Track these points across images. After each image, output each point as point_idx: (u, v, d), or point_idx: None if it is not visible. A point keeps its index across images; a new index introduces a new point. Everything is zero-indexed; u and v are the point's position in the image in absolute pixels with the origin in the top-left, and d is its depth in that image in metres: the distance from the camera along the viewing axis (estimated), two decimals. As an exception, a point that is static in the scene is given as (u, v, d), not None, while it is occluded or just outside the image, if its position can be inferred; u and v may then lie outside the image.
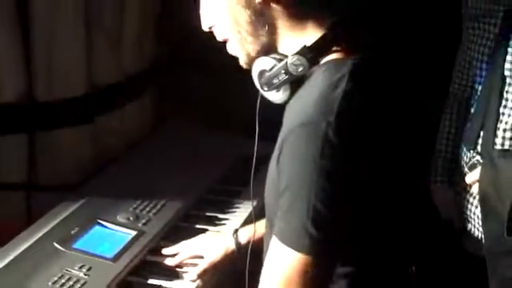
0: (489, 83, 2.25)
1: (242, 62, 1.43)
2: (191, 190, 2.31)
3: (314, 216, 1.23)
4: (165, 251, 1.97)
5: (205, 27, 1.43)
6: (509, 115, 2.19)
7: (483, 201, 2.14)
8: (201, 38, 1.52)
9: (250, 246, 1.67)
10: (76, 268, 1.84)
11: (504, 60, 2.19)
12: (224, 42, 1.43)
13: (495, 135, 2.21)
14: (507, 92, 2.20)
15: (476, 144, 2.27)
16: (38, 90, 2.33)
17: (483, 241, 2.22)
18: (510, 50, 2.18)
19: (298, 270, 1.25)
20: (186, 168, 2.43)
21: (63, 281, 1.79)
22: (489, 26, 2.27)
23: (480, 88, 2.30)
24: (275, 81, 1.37)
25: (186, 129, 2.77)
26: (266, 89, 1.40)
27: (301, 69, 1.34)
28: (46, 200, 2.24)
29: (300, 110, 1.30)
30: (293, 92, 1.38)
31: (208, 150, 2.59)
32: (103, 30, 2.50)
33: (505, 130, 2.20)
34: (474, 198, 2.27)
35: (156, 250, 2.01)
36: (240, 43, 1.40)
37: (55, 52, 2.33)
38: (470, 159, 2.28)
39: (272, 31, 1.37)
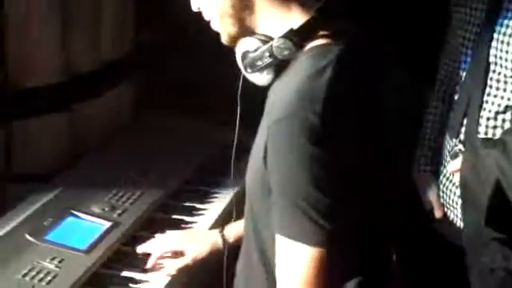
0: (473, 70, 2.21)
1: (224, 41, 1.40)
2: (169, 180, 2.27)
3: (319, 207, 1.21)
4: (140, 248, 1.90)
5: (194, 8, 1.41)
6: (492, 103, 2.15)
7: (464, 190, 2.10)
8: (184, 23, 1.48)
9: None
10: (47, 260, 1.80)
11: (489, 46, 2.15)
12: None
13: (478, 123, 2.17)
14: (491, 79, 2.16)
15: (459, 132, 2.23)
16: (12, 77, 2.28)
17: (463, 231, 2.19)
18: (495, 35, 2.14)
19: (316, 265, 1.23)
20: (165, 158, 2.39)
21: (33, 273, 1.75)
22: (475, 11, 2.23)
23: (464, 75, 2.26)
24: (259, 63, 1.34)
25: (164, 117, 2.72)
26: (249, 71, 1.36)
27: (286, 52, 1.31)
28: (23, 191, 2.19)
29: (285, 99, 1.26)
30: (276, 75, 1.35)
31: (187, 139, 2.55)
32: (80, 15, 2.45)
33: (488, 119, 2.16)
34: (457, 187, 2.23)
35: (131, 242, 1.97)
36: (222, 23, 1.38)
37: (30, 39, 2.28)
38: (452, 147, 2.25)
39: (255, 13, 1.35)
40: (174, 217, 2.11)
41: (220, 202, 2.20)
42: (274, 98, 1.34)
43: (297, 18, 1.33)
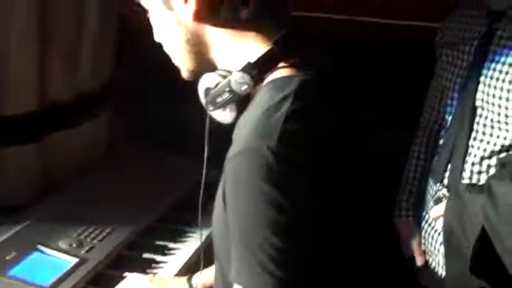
0: (459, 114, 2.16)
1: (184, 76, 1.36)
2: (141, 217, 2.18)
3: (272, 253, 1.12)
4: None
5: (157, 39, 1.37)
6: (478, 148, 2.10)
7: (447, 236, 2.04)
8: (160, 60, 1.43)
9: None
10: (8, 297, 1.72)
11: (476, 90, 2.10)
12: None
13: (463, 168, 2.12)
14: (477, 123, 2.11)
15: (443, 177, 2.17)
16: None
17: (446, 279, 2.11)
18: (482, 79, 2.09)
19: None
20: (138, 193, 2.29)
21: (-8, 311, 1.66)
22: (462, 54, 2.18)
23: (450, 119, 2.21)
24: (219, 100, 1.28)
25: (140, 152, 2.64)
26: (211, 108, 1.30)
27: (245, 87, 1.25)
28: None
29: (241, 135, 1.21)
30: (240, 111, 1.28)
31: (162, 175, 2.46)
32: (58, 44, 2.38)
33: (473, 164, 2.11)
34: (439, 234, 2.16)
35: (98, 280, 1.88)
36: (179, 59, 1.34)
37: (4, 66, 2.21)
38: (435, 192, 2.18)
39: (212, 47, 1.30)
40: (145, 256, 2.02)
41: (194, 241, 2.11)
42: (236, 132, 1.27)
43: (255, 50, 1.27)
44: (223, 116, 1.30)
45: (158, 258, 2.02)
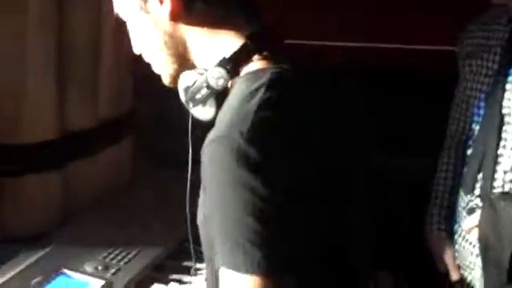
0: (486, 123, 2.12)
1: (166, 82, 1.38)
2: (167, 239, 2.14)
3: (251, 236, 1.14)
4: None
5: (136, 51, 1.41)
6: (508, 156, 2.05)
7: (483, 247, 1.98)
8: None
9: None
10: (33, 321, 1.67)
11: (502, 97, 2.06)
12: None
13: (494, 178, 2.07)
14: (506, 131, 2.06)
15: (474, 188, 2.12)
16: (5, 133, 2.20)
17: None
18: (508, 86, 2.06)
19: None
20: (162, 216, 2.26)
21: (18, 334, 1.62)
22: (486, 62, 2.15)
23: (477, 128, 2.16)
24: (198, 96, 1.30)
25: (163, 177, 2.60)
26: (191, 106, 1.32)
27: (221, 82, 1.28)
28: (15, 250, 2.06)
29: (216, 125, 1.24)
30: (219, 106, 1.30)
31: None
32: (76, 73, 2.38)
33: (505, 172, 2.05)
34: (474, 246, 2.10)
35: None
36: (160, 65, 1.37)
37: (24, 96, 2.21)
38: (467, 203, 2.13)
39: (189, 47, 1.33)
40: (171, 277, 1.98)
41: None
42: (215, 125, 1.28)
43: (230, 45, 1.30)
44: (204, 113, 1.31)
45: (185, 278, 1.97)
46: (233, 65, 1.28)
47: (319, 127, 1.29)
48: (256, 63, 1.29)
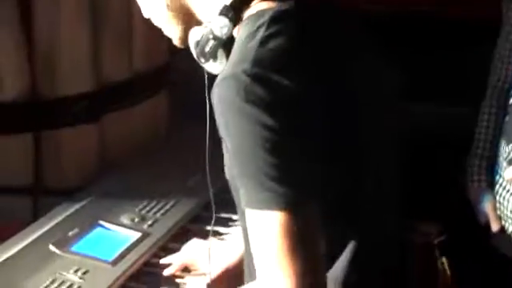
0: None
1: (177, 44, 1.39)
2: (203, 191, 2.12)
3: (269, 171, 1.14)
4: (163, 260, 1.80)
5: (145, 16, 1.41)
6: (552, 105, 2.00)
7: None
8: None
9: None
10: (71, 272, 1.67)
11: None
12: None
13: (536, 127, 2.02)
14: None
15: (516, 137, 2.07)
16: (41, 87, 2.21)
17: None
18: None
19: (283, 230, 1.14)
20: (198, 169, 2.24)
21: (55, 285, 1.62)
22: None
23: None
24: (207, 49, 1.29)
25: (198, 130, 2.59)
26: (202, 61, 1.31)
27: (225, 30, 1.26)
28: (53, 203, 2.07)
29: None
30: (228, 57, 1.28)
31: (221, 151, 2.40)
32: (110, 24, 2.36)
33: (547, 121, 2.00)
34: (515, 196, 2.07)
35: (161, 253, 1.83)
36: (168, 28, 1.38)
37: (59, 48, 2.21)
38: (509, 153, 2.08)
39: (191, 5, 1.33)
40: (208, 228, 1.97)
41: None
42: None
43: None
44: (216, 67, 1.30)
45: (222, 229, 1.96)
46: (234, 11, 1.26)
47: (329, 61, 1.26)
48: (257, 5, 1.27)
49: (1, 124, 2.17)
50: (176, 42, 1.39)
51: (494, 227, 2.18)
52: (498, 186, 2.17)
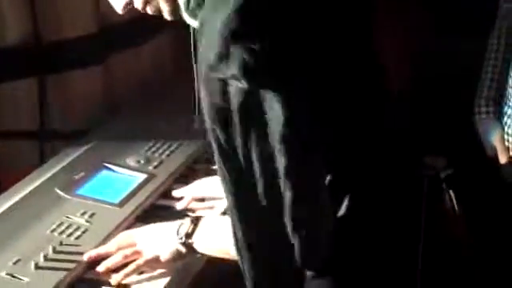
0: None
1: (169, 17, 1.35)
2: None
3: None
4: (175, 193, 1.82)
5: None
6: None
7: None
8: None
9: None
10: (77, 215, 1.68)
11: None
12: None
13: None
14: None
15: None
16: (44, 30, 2.18)
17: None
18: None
19: None
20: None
21: (62, 228, 1.63)
22: None
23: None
24: (192, 4, 1.24)
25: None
26: (190, 19, 1.28)
27: None
28: (60, 146, 2.10)
29: None
30: None
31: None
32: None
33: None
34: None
35: (167, 194, 1.84)
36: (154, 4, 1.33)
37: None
38: (517, 84, 2.06)
39: None
40: (213, 167, 1.97)
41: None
42: None
43: None
44: None
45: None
46: None
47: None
48: None
49: (5, 69, 2.16)
50: (167, 16, 1.35)
51: (502, 159, 2.17)
52: (506, 118, 2.15)
